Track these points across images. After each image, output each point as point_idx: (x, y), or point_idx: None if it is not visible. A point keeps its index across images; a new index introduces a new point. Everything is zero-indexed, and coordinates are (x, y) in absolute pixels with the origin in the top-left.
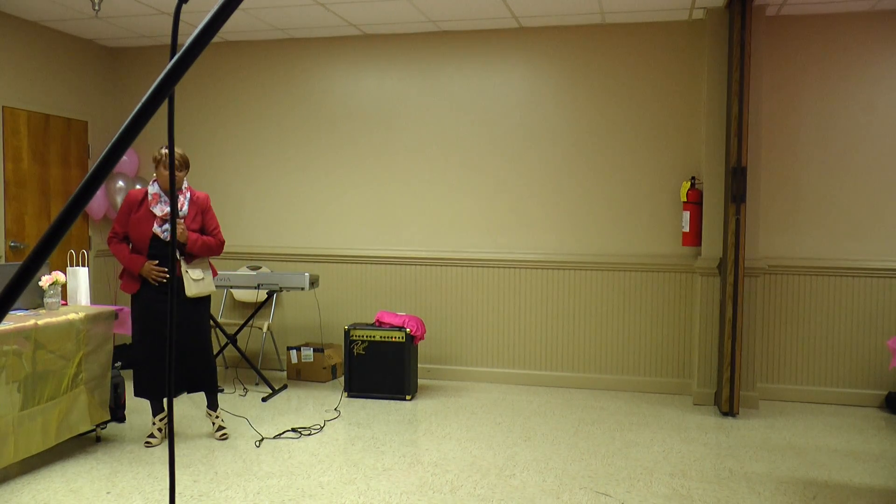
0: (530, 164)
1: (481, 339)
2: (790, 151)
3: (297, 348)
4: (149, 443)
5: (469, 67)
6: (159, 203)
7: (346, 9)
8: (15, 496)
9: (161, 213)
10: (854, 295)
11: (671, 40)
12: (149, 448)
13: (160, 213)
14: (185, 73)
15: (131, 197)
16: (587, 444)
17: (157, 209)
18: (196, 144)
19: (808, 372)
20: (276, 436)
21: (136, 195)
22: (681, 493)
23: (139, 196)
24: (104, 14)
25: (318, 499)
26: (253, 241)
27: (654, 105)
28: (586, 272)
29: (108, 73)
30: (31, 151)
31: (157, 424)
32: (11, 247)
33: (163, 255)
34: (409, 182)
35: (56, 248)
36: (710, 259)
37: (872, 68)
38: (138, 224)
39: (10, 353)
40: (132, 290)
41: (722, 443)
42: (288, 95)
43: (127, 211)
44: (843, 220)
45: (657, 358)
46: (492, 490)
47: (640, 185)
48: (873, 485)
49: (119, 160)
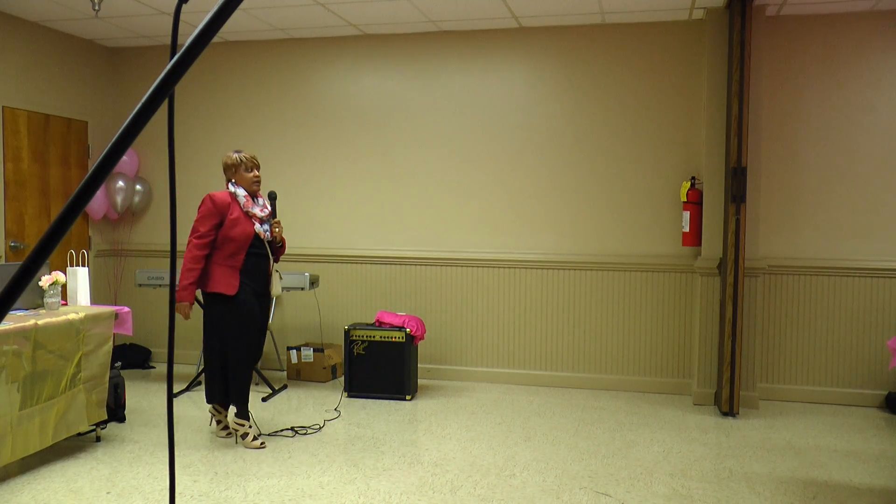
0: (530, 163)
1: (481, 339)
2: (790, 151)
3: (297, 348)
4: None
5: (469, 67)
6: (255, 205)
7: (346, 9)
8: (15, 496)
9: (261, 212)
10: (854, 295)
11: (671, 40)
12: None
13: (261, 213)
14: (185, 73)
15: (220, 200)
16: (587, 444)
17: (255, 210)
18: (196, 144)
19: (808, 372)
20: (272, 433)
21: (225, 197)
22: (681, 493)
23: (227, 199)
24: (104, 14)
25: (318, 499)
26: None
27: (654, 105)
28: (586, 272)
29: (108, 73)
30: (31, 151)
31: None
32: (11, 247)
33: (263, 254)
34: (409, 182)
35: (56, 248)
36: (710, 259)
37: (872, 68)
38: (236, 225)
39: (9, 352)
40: (232, 290)
41: (722, 443)
42: (288, 95)
43: (217, 213)
44: (843, 220)
45: (657, 358)
46: (492, 490)
47: (640, 184)
48: (873, 485)
49: (119, 160)
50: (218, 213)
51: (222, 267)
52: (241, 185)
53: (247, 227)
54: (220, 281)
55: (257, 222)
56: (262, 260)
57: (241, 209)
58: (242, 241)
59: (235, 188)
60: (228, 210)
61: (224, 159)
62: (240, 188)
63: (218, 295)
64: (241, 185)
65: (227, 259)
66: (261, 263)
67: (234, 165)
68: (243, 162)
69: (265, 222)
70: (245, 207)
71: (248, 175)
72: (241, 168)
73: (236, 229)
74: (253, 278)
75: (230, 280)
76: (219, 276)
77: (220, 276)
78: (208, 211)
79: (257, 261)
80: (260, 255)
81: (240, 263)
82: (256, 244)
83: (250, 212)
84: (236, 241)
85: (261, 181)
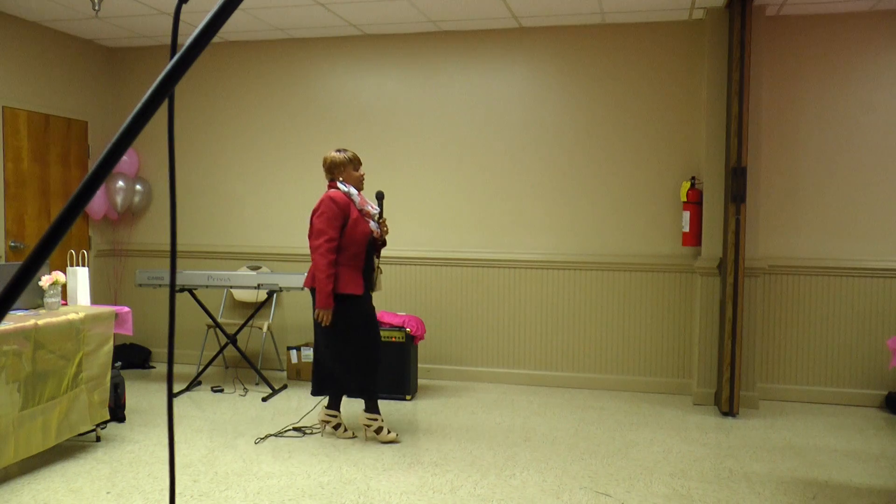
0: (530, 163)
1: (481, 339)
2: (790, 151)
3: (297, 348)
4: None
5: (469, 67)
6: (368, 203)
7: (346, 9)
8: (15, 496)
9: (373, 210)
10: (854, 295)
11: (671, 40)
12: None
13: (373, 211)
14: (185, 73)
15: (341, 200)
16: (587, 444)
17: (369, 207)
18: (196, 144)
19: (808, 372)
20: (277, 433)
21: (343, 197)
22: (681, 493)
23: (345, 198)
24: (104, 14)
25: (318, 499)
26: (253, 241)
27: (654, 105)
28: (586, 272)
29: (108, 73)
30: (31, 151)
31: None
32: (11, 247)
33: (371, 253)
34: (408, 182)
35: (56, 248)
36: (710, 259)
37: (872, 68)
38: (357, 225)
39: (10, 353)
40: (360, 290)
41: (722, 443)
42: (288, 95)
43: (341, 214)
44: (843, 220)
45: (657, 358)
46: (492, 490)
47: (640, 185)
48: (873, 485)
49: (119, 160)
50: (342, 213)
51: (348, 268)
52: (350, 184)
53: (365, 227)
54: (350, 282)
55: (370, 220)
56: (370, 258)
57: (357, 208)
58: (363, 242)
59: (347, 187)
60: (349, 208)
61: (330, 158)
62: (351, 187)
63: (347, 296)
64: (350, 184)
65: (351, 260)
66: (370, 261)
67: (343, 164)
68: (352, 160)
69: (374, 220)
70: (360, 206)
71: (357, 173)
72: (350, 166)
73: (358, 230)
74: (366, 276)
75: (357, 280)
76: (347, 277)
77: (348, 277)
78: (333, 213)
79: (368, 259)
80: (369, 253)
81: (362, 263)
82: (370, 244)
83: (364, 209)
84: (358, 242)
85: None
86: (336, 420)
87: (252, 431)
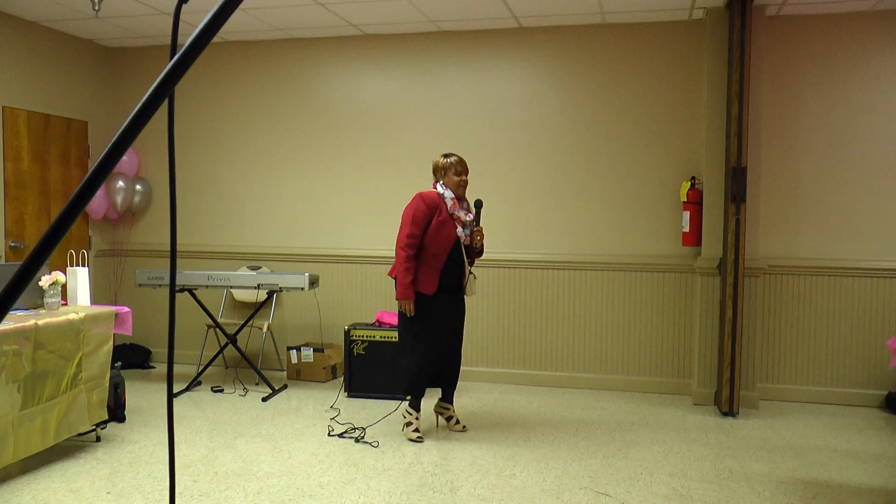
0: (530, 163)
1: (481, 339)
2: (790, 151)
3: (297, 348)
4: (420, 438)
5: (469, 67)
6: (461, 208)
7: (346, 9)
8: (15, 496)
9: (466, 216)
10: (854, 295)
11: (671, 40)
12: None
13: (465, 217)
14: (185, 73)
15: (431, 199)
16: (587, 444)
17: (461, 213)
18: (196, 144)
19: (808, 372)
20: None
21: (434, 197)
22: (681, 493)
23: (436, 198)
24: (104, 14)
25: (318, 499)
26: (253, 241)
27: (653, 105)
28: (586, 272)
29: (108, 73)
30: (31, 151)
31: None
32: (11, 247)
33: (460, 258)
34: (409, 181)
35: (56, 248)
36: (710, 259)
37: (872, 68)
38: (442, 229)
39: (10, 353)
40: (431, 290)
41: (722, 443)
42: (288, 95)
43: (427, 213)
44: (843, 219)
45: (657, 358)
46: (492, 490)
47: (640, 185)
48: (873, 485)
49: (119, 160)
50: (428, 212)
51: (425, 267)
52: (448, 188)
53: (451, 232)
54: (422, 281)
55: (460, 226)
56: (458, 262)
57: (448, 211)
58: (446, 245)
59: (444, 190)
60: (438, 210)
61: (434, 162)
62: (448, 190)
63: (417, 294)
64: (448, 188)
65: (431, 259)
66: (457, 265)
67: (443, 168)
68: (453, 165)
69: (467, 227)
70: (451, 210)
71: (457, 178)
72: (450, 171)
73: (442, 232)
74: (448, 279)
75: (431, 280)
76: (422, 276)
77: (423, 276)
78: (419, 211)
79: (454, 263)
80: (457, 258)
81: (441, 265)
82: (456, 248)
83: (455, 214)
84: (439, 244)
85: (467, 185)
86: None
87: (252, 431)
